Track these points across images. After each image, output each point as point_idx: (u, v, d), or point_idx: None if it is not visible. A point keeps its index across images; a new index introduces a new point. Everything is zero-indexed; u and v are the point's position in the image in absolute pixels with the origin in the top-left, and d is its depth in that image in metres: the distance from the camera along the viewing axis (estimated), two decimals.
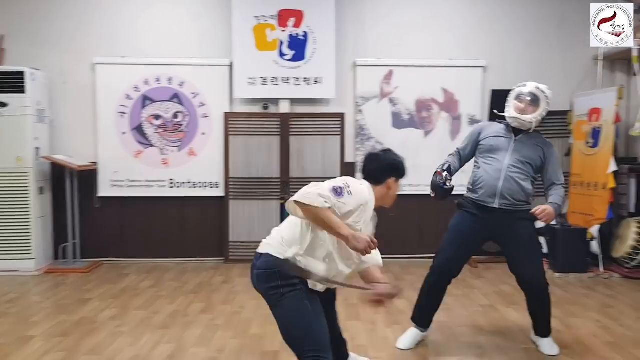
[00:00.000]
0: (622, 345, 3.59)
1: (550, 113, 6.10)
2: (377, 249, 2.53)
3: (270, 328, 3.91)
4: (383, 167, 2.80)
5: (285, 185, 6.07)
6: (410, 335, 3.65)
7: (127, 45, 6.06)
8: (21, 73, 5.49)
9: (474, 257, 6.05)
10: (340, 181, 2.64)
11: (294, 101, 6.12)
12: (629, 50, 5.40)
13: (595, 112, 5.76)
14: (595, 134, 5.71)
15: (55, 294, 4.85)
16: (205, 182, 6.10)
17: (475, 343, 3.66)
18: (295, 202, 2.53)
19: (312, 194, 2.51)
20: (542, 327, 3.57)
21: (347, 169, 6.15)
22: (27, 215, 5.55)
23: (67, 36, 6.04)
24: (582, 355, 3.43)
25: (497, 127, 3.61)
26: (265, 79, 5.99)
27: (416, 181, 6.19)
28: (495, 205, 3.44)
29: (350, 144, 6.21)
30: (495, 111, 3.75)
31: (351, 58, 6.17)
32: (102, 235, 6.08)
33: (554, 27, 6.23)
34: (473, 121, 6.20)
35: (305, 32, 5.98)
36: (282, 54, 5.99)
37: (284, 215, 5.99)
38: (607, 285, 5.11)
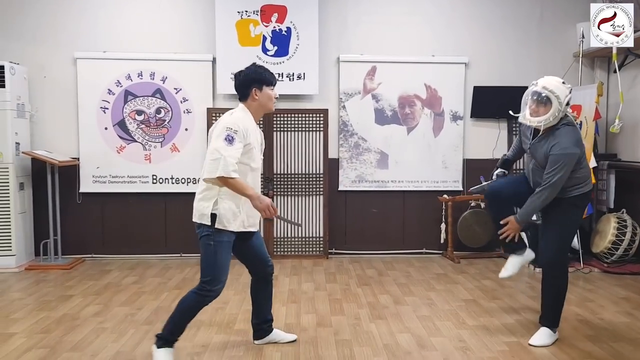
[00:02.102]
0: (602, 338, 3.66)
1: None
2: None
3: None
4: (241, 83, 3.20)
5: (268, 181, 6.06)
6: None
7: (108, 39, 6.01)
8: (0, 67, 5.41)
9: (455, 252, 6.12)
10: (222, 129, 3.03)
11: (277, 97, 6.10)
12: (608, 48, 5.47)
13: (575, 108, 5.83)
14: None
15: (36, 290, 4.80)
16: (189, 178, 6.08)
17: (458, 337, 3.69)
18: (218, 178, 2.96)
19: (221, 169, 2.94)
20: (544, 313, 3.63)
21: (331, 165, 6.18)
22: (7, 211, 5.49)
23: (48, 30, 5.96)
24: (562, 349, 3.48)
25: (526, 125, 3.54)
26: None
27: (399, 177, 6.27)
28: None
29: (334, 140, 6.22)
30: (510, 112, 3.71)
31: (334, 54, 6.18)
32: (84, 231, 6.03)
33: (535, 24, 6.30)
34: (456, 117, 6.25)
35: (288, 28, 5.97)
36: (265, 50, 5.98)
37: None
38: (587, 280, 5.19)
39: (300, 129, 6.14)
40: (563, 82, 3.32)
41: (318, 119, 6.15)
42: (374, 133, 6.21)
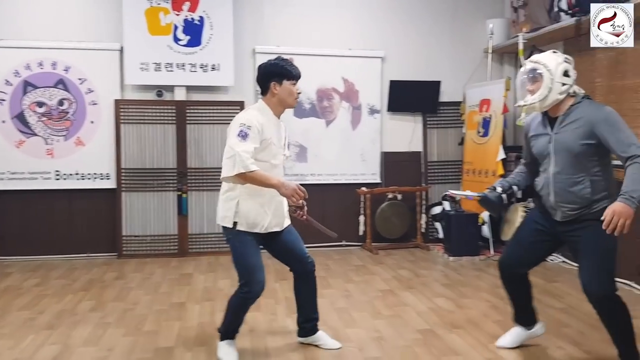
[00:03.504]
0: (510, 323, 3.75)
1: (444, 104, 6.45)
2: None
3: (165, 324, 3.77)
4: (261, 76, 3.10)
5: (182, 175, 5.85)
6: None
7: (5, 26, 5.59)
8: None
9: (373, 243, 6.16)
10: (236, 126, 2.92)
11: (190, 88, 5.91)
12: (515, 44, 5.69)
13: (485, 102, 6.02)
14: (486, 123, 5.97)
15: None
16: (95, 174, 5.75)
17: (373, 327, 3.69)
18: (237, 175, 2.85)
19: (237, 161, 2.82)
20: (622, 353, 2.91)
21: None
22: None
23: None
24: (472, 334, 3.55)
25: (537, 121, 3.01)
26: (159, 64, 5.73)
27: (318, 170, 6.24)
28: (558, 219, 2.93)
29: None
30: (516, 104, 3.14)
31: (250, 45, 6.05)
32: None
33: (448, 20, 6.45)
34: (373, 111, 6.29)
35: (201, 17, 5.77)
36: (176, 39, 5.75)
37: (182, 207, 5.82)
38: (497, 267, 5.35)
39: (215, 122, 5.95)
40: (554, 51, 2.91)
41: (234, 111, 5.98)
42: (292, 126, 6.11)
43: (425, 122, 6.47)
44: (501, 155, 5.67)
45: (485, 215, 5.76)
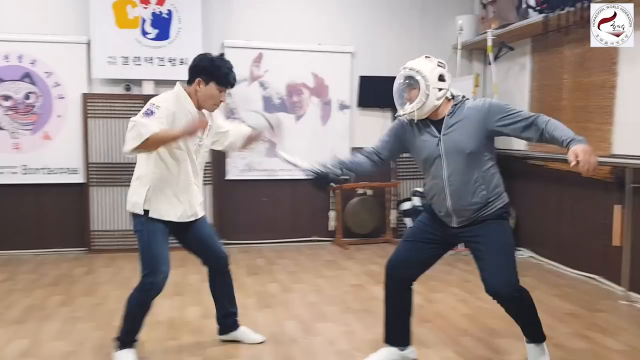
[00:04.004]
0: (478, 316, 3.86)
1: None
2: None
3: None
4: (191, 67, 2.97)
5: None
6: None
7: None
8: None
9: (344, 239, 6.22)
10: (148, 104, 2.82)
11: (158, 82, 5.84)
12: (484, 40, 5.80)
13: None
14: None
15: None
16: (63, 168, 5.67)
17: (343, 321, 3.75)
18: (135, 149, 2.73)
19: (136, 133, 2.70)
20: (527, 333, 2.94)
21: (219, 154, 6.02)
22: None
23: None
24: (440, 327, 3.64)
25: (415, 127, 2.87)
26: (126, 58, 5.67)
27: (289, 165, 6.23)
28: (454, 225, 2.85)
29: None
30: (396, 115, 2.98)
31: (219, 39, 6.01)
32: None
33: (418, 16, 6.51)
34: (343, 106, 6.34)
35: (169, 11, 5.72)
36: (144, 33, 5.69)
37: None
38: (466, 262, 5.45)
39: None
40: (427, 57, 2.81)
41: None
42: (262, 121, 6.12)
43: (395, 117, 6.53)
44: None
45: None
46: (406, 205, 6.31)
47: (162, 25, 5.72)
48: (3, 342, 3.32)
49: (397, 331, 3.04)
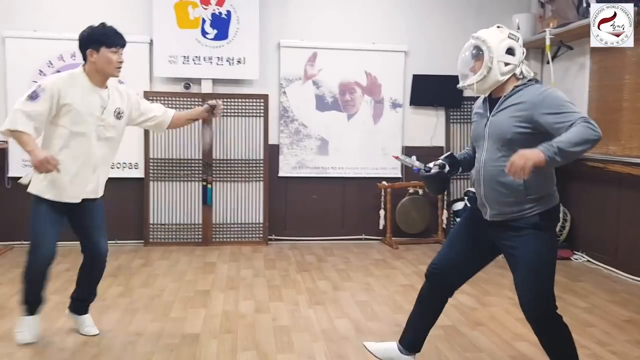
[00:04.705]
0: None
1: (467, 99, 6.45)
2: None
3: (191, 311, 3.89)
4: (79, 44, 3.04)
5: (207, 166, 5.97)
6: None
7: (40, 18, 5.73)
8: None
9: (394, 238, 6.22)
10: (36, 85, 2.92)
11: (216, 81, 6.01)
12: (542, 39, 5.67)
13: None
14: None
15: None
16: (125, 163, 5.90)
17: (394, 321, 3.76)
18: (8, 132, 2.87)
19: (10, 119, 2.86)
20: None
21: (271, 151, 6.14)
22: None
23: None
24: (494, 331, 3.60)
25: (479, 101, 2.71)
26: (186, 57, 5.84)
27: (339, 164, 6.30)
28: (487, 217, 2.59)
29: (274, 125, 6.18)
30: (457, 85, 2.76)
31: (275, 39, 6.12)
32: (13, 217, 5.73)
33: (473, 14, 6.42)
34: (395, 105, 6.33)
35: (228, 11, 5.86)
36: (204, 33, 5.85)
37: (206, 197, 5.94)
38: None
39: (240, 114, 6.06)
40: (498, 26, 2.57)
41: (258, 104, 6.09)
42: (314, 119, 6.21)
43: (448, 116, 6.50)
44: None
45: None
46: (458, 206, 6.25)
47: (221, 26, 5.86)
48: (67, 331, 3.48)
49: (415, 336, 2.88)
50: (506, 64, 2.47)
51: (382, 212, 6.24)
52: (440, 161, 2.74)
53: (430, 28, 6.38)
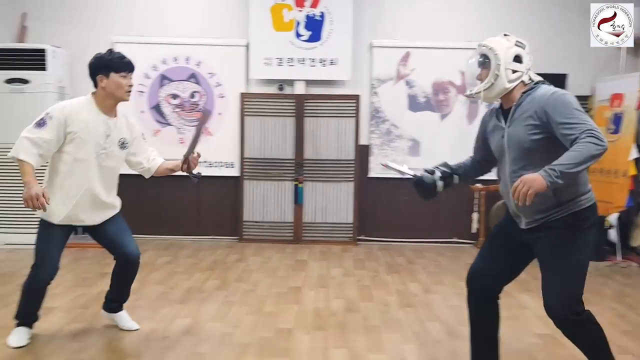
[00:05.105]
0: (639, 333, 3.58)
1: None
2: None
3: (284, 306, 3.98)
4: (89, 71, 3.07)
5: (299, 166, 6.09)
6: None
7: (145, 24, 6.10)
8: (42, 50, 5.54)
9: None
10: (44, 113, 2.96)
11: (309, 82, 6.12)
12: None
13: (617, 97, 5.69)
14: (617, 120, 5.65)
15: (75, 267, 4.93)
16: (221, 162, 6.14)
17: None
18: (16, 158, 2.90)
19: (17, 146, 2.88)
20: None
21: (362, 152, 6.16)
22: None
23: (88, 14, 6.09)
24: None
25: (494, 114, 2.65)
26: (281, 59, 5.99)
27: (431, 165, 6.17)
28: (523, 226, 2.53)
29: (365, 126, 6.20)
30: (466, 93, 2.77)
31: (368, 39, 6.14)
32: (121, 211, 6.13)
33: (576, 9, 6.11)
34: (491, 105, 6.14)
35: (322, 13, 5.94)
36: (298, 35, 5.97)
37: (297, 196, 6.06)
38: (624, 274, 5.08)
39: (331, 115, 6.13)
40: (505, 34, 2.60)
41: (350, 104, 6.13)
42: (406, 120, 6.16)
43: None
44: (634, 154, 5.35)
45: (612, 218, 5.46)
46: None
47: (314, 27, 5.96)
48: (169, 320, 3.67)
49: (483, 355, 2.79)
50: (514, 72, 2.47)
51: (475, 215, 6.09)
52: (430, 168, 2.79)
53: (529, 24, 6.11)
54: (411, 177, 2.82)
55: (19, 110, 5.44)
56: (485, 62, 2.50)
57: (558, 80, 6.04)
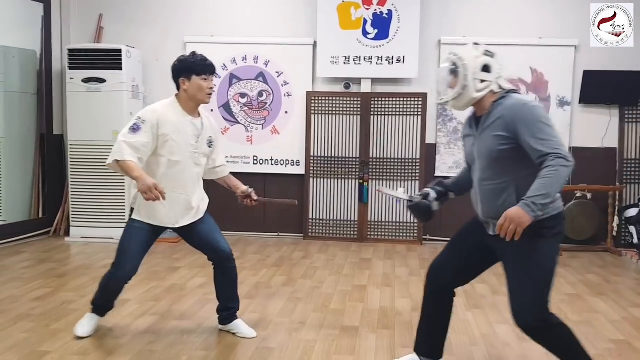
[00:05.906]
0: None
1: None
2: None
3: (350, 304, 4.00)
4: (172, 73, 3.14)
5: (364, 165, 6.09)
6: None
7: (216, 24, 6.25)
8: (118, 51, 5.79)
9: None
10: (135, 117, 3.03)
11: (375, 80, 6.10)
12: None
13: None
14: None
15: (147, 261, 5.01)
16: (287, 160, 6.24)
17: None
18: (115, 163, 2.98)
19: (116, 150, 2.96)
20: None
21: (428, 150, 6.10)
22: (122, 185, 5.84)
23: (161, 16, 6.31)
24: None
25: (468, 122, 2.68)
26: (347, 58, 6.01)
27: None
28: (490, 232, 2.56)
29: (432, 124, 6.13)
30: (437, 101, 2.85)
31: (436, 36, 6.06)
32: None
33: None
34: (563, 103, 5.96)
35: (389, 10, 5.92)
36: (365, 33, 5.97)
37: (362, 195, 6.07)
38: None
39: (397, 113, 6.10)
40: (475, 44, 2.59)
41: (416, 103, 6.08)
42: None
43: (623, 115, 5.97)
44: None
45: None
46: (631, 212, 5.75)
47: (382, 25, 5.94)
48: (238, 314, 3.76)
49: (427, 341, 2.86)
50: (482, 81, 2.47)
51: None
52: (425, 190, 2.83)
53: None
54: (406, 201, 2.85)
55: (95, 109, 5.74)
56: (455, 71, 2.52)
57: (634, 77, 5.74)
